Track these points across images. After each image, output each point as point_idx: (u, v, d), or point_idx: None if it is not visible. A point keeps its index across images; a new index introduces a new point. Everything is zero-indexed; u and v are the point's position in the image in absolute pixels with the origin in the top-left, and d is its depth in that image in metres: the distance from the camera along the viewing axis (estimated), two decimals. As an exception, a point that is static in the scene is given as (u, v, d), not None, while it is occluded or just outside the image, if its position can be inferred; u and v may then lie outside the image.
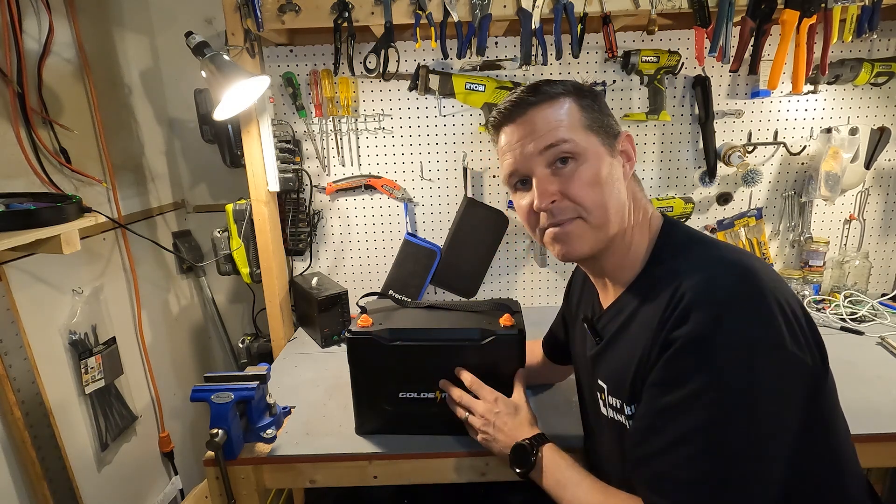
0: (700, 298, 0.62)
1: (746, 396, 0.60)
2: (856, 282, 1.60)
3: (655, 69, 1.44)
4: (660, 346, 0.65)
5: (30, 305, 1.13)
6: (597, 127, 0.72)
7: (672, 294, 0.65)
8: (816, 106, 1.53)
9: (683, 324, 0.62)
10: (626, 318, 0.74)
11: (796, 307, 0.64)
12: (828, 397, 0.66)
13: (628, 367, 0.71)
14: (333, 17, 1.25)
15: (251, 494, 1.00)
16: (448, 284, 1.63)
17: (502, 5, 1.24)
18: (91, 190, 1.33)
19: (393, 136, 1.57)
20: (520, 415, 0.89)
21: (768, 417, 0.60)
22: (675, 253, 0.72)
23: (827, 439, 0.67)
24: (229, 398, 0.94)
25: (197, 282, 1.77)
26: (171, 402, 1.64)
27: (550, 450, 0.83)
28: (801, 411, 0.62)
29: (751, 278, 0.63)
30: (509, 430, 0.87)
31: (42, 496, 1.12)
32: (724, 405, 0.60)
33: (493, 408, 0.90)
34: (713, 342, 0.60)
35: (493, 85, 1.46)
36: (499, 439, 0.88)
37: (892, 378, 1.16)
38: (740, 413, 0.60)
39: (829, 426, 0.67)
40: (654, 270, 0.72)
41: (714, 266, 0.66)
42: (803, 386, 0.62)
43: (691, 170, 1.60)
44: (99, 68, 1.38)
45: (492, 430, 0.89)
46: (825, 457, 0.67)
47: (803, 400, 0.62)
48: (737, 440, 0.60)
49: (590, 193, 0.70)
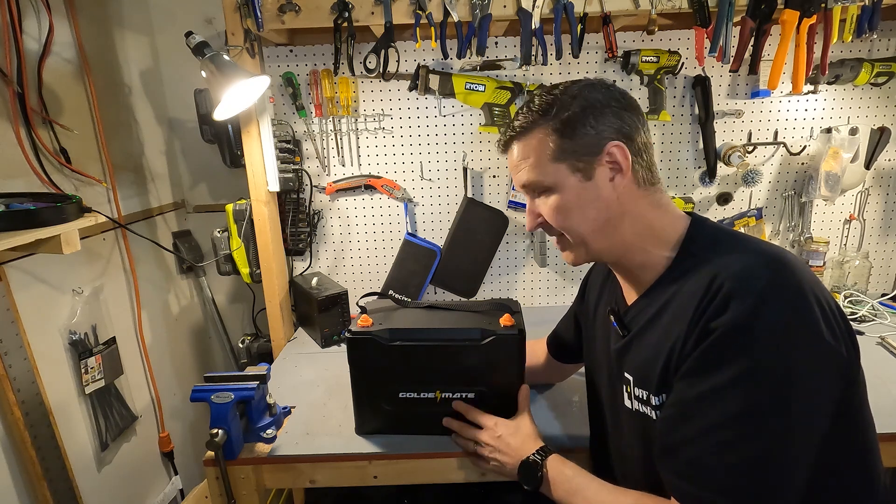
0: (739, 287, 0.62)
1: (784, 384, 0.60)
2: (856, 282, 1.60)
3: (655, 69, 1.44)
4: (697, 335, 0.65)
5: (30, 305, 1.13)
6: (568, 153, 0.73)
7: (709, 284, 0.65)
8: (816, 106, 1.53)
9: (723, 313, 0.62)
10: (657, 309, 0.74)
11: (830, 299, 0.65)
12: (859, 389, 0.68)
13: (658, 356, 0.71)
14: (333, 17, 1.25)
15: (251, 494, 1.00)
16: (448, 284, 1.63)
17: (502, 5, 1.24)
18: (91, 190, 1.33)
19: (393, 136, 1.57)
20: (521, 432, 0.91)
21: (804, 405, 0.61)
22: (706, 246, 0.72)
23: (856, 430, 0.68)
24: (229, 398, 0.94)
25: (197, 282, 1.77)
26: (171, 402, 1.65)
27: (555, 461, 0.85)
28: (834, 402, 0.63)
29: (787, 269, 0.63)
30: (514, 451, 0.89)
31: (42, 496, 1.12)
32: (762, 393, 0.60)
33: (494, 433, 0.92)
34: (753, 330, 0.61)
35: (493, 85, 1.46)
36: (506, 462, 0.90)
37: (892, 378, 1.16)
38: (778, 401, 0.60)
39: (858, 417, 0.68)
40: (685, 263, 0.72)
41: (750, 257, 0.66)
42: (839, 377, 0.63)
43: (691, 170, 1.60)
44: (99, 68, 1.38)
45: (499, 456, 0.91)
46: (852, 447, 0.68)
47: (838, 391, 0.63)
48: (774, 427, 0.60)
49: (558, 219, 0.77)
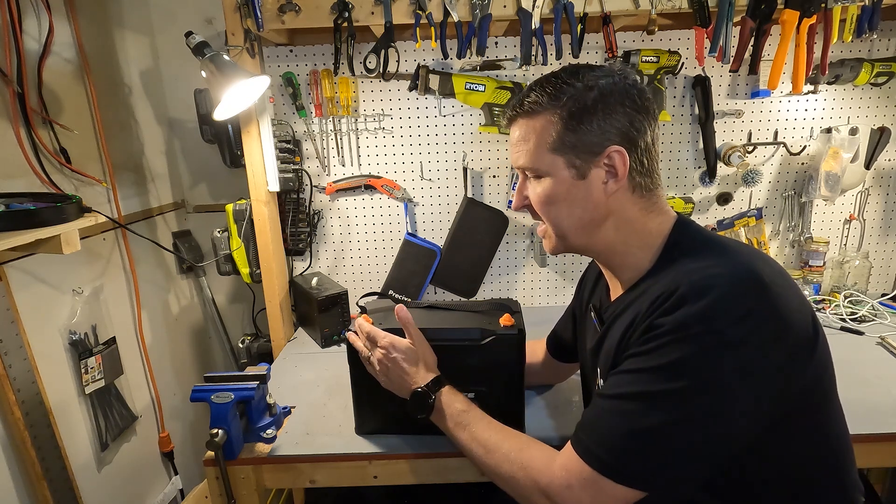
0: (695, 293, 0.63)
1: (706, 381, 0.61)
2: (856, 282, 1.60)
3: (655, 69, 1.44)
4: (643, 330, 0.66)
5: (30, 305, 1.13)
6: (568, 147, 0.72)
7: (670, 285, 0.66)
8: (816, 106, 1.53)
9: (671, 313, 0.63)
10: (624, 306, 0.75)
11: (797, 318, 0.63)
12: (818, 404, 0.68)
13: (612, 350, 0.73)
14: (333, 17, 1.25)
15: (251, 494, 1.00)
16: (448, 284, 1.63)
17: (502, 5, 1.24)
18: (91, 190, 1.33)
19: (393, 136, 1.57)
20: (414, 360, 0.89)
21: (720, 404, 0.62)
22: (686, 252, 0.72)
23: (811, 439, 0.68)
24: (229, 398, 0.94)
25: (197, 282, 1.77)
26: (171, 402, 1.64)
27: (448, 393, 0.86)
28: (767, 412, 0.63)
29: (753, 284, 0.63)
30: (407, 376, 0.88)
31: (42, 496, 1.12)
32: (680, 383, 0.62)
33: (389, 353, 0.89)
34: (693, 331, 0.61)
35: (493, 85, 1.46)
36: (399, 386, 0.90)
37: (892, 378, 1.16)
38: (692, 391, 0.62)
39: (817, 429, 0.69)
40: (664, 268, 0.73)
41: (722, 266, 0.65)
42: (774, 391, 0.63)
43: (691, 170, 1.60)
44: (99, 68, 1.38)
45: (392, 376, 0.90)
46: (813, 456, 0.69)
47: (771, 402, 0.63)
48: (677, 411, 0.62)
49: (542, 208, 0.77)
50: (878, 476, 1.54)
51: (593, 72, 0.73)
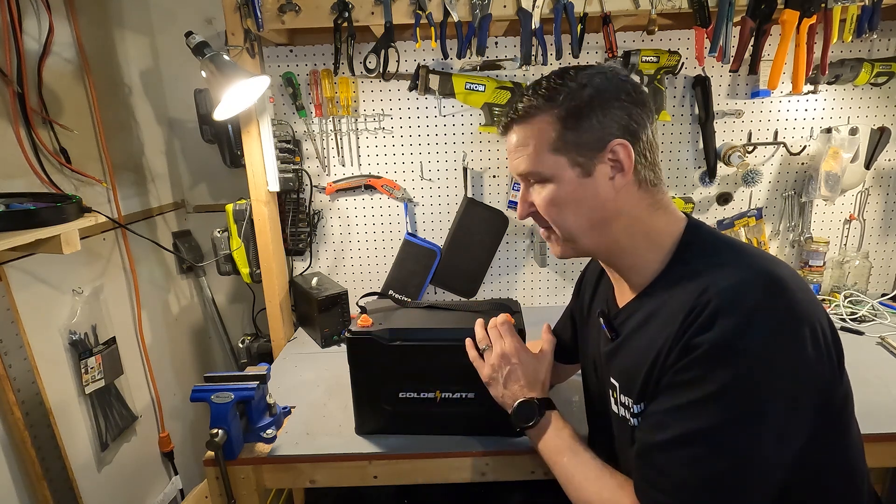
0: (727, 306, 0.61)
1: (759, 406, 0.60)
2: (856, 282, 1.60)
3: (655, 69, 1.44)
4: (680, 350, 0.64)
5: (30, 305, 1.13)
6: (570, 145, 0.71)
7: (697, 297, 0.64)
8: (816, 106, 1.53)
9: (708, 330, 0.62)
10: (644, 316, 0.73)
11: (824, 320, 0.64)
12: (841, 414, 0.68)
13: (641, 365, 0.70)
14: (333, 17, 1.25)
15: (251, 494, 1.00)
16: (448, 284, 1.63)
17: (502, 5, 1.24)
18: (91, 190, 1.33)
19: (393, 136, 1.57)
20: (537, 373, 0.89)
21: (777, 429, 0.61)
22: (700, 254, 0.71)
23: (836, 447, 0.68)
24: (229, 398, 0.94)
25: (197, 282, 1.77)
26: (171, 402, 1.65)
27: (557, 415, 0.85)
28: (810, 424, 0.63)
29: (780, 290, 0.62)
30: (522, 383, 0.88)
31: (42, 496, 1.12)
32: (736, 411, 0.60)
33: (512, 356, 0.89)
34: (735, 350, 0.60)
35: (493, 85, 1.46)
36: (506, 393, 0.88)
37: (892, 378, 1.16)
38: (751, 421, 0.60)
39: (841, 436, 0.68)
40: (677, 270, 0.72)
41: (744, 273, 0.64)
42: (818, 399, 0.63)
43: (691, 170, 1.60)
44: (99, 68, 1.38)
45: (502, 381, 0.89)
46: (834, 464, 0.68)
47: (814, 412, 0.63)
48: (743, 447, 0.61)
49: (550, 212, 0.75)
50: (878, 476, 1.54)
51: (584, 70, 0.72)
